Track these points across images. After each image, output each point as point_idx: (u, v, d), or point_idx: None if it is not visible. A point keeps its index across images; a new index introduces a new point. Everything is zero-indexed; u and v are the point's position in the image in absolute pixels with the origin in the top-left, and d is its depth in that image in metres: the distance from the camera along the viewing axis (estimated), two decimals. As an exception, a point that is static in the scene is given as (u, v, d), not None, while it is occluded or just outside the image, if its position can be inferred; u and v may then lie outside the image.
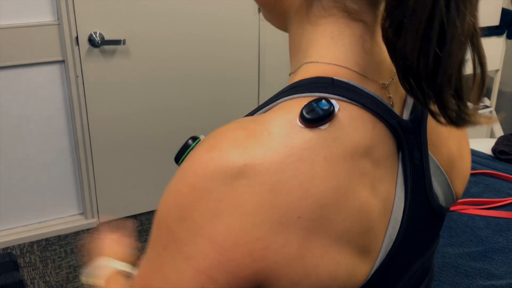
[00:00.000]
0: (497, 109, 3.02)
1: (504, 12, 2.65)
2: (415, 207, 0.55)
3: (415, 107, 0.57)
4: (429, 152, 0.58)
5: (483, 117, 0.52)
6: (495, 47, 2.73)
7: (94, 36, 2.17)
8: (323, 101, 0.47)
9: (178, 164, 0.53)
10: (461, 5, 0.45)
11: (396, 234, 0.52)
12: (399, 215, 0.52)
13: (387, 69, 0.54)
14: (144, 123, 2.42)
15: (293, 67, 0.57)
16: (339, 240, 0.47)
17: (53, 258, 2.29)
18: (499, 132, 2.89)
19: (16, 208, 2.36)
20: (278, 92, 0.53)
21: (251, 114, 0.53)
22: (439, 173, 0.61)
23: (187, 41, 2.36)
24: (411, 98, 0.57)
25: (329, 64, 0.52)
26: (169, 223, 0.47)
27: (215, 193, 0.45)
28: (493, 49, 2.73)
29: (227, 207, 0.45)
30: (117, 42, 2.21)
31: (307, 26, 0.55)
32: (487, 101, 2.90)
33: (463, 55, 0.47)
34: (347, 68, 0.52)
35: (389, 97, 0.54)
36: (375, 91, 0.52)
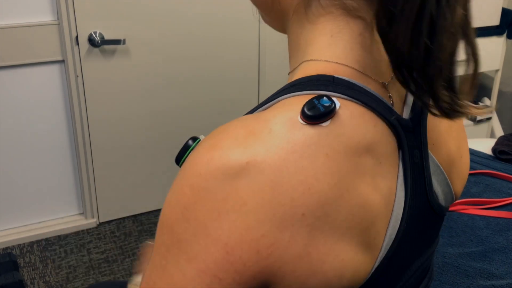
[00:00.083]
0: (497, 109, 3.02)
1: (504, 12, 2.65)
2: (415, 206, 0.54)
3: (415, 106, 0.57)
4: (429, 151, 0.58)
5: (476, 108, 0.52)
6: (495, 47, 2.73)
7: (94, 36, 2.17)
8: (325, 98, 0.47)
9: (179, 165, 0.52)
10: None
11: (396, 232, 0.52)
12: (400, 213, 0.52)
13: (386, 68, 0.54)
14: (144, 123, 2.42)
15: (292, 66, 0.57)
16: (343, 237, 0.47)
17: (53, 258, 2.29)
18: (499, 132, 2.89)
19: (16, 208, 2.36)
20: (278, 90, 0.53)
21: (251, 112, 0.53)
22: (439, 172, 0.61)
23: (187, 41, 2.36)
24: (411, 97, 0.57)
25: (329, 61, 0.52)
26: (172, 224, 0.47)
27: (218, 192, 0.45)
28: (493, 49, 2.72)
29: (230, 205, 0.45)
30: (117, 42, 2.21)
31: (306, 25, 0.55)
32: (487, 101, 2.89)
33: (454, 47, 0.47)
34: (347, 65, 0.52)
35: (389, 96, 0.54)
36: (376, 90, 0.52)
